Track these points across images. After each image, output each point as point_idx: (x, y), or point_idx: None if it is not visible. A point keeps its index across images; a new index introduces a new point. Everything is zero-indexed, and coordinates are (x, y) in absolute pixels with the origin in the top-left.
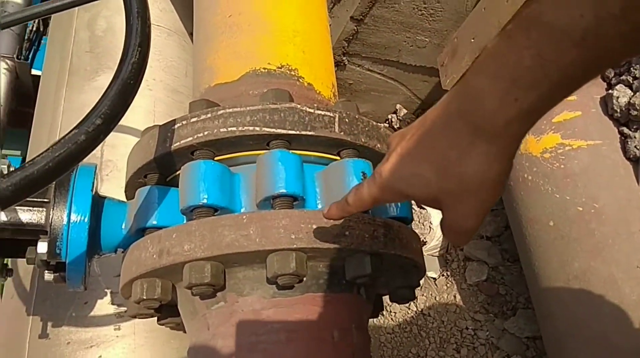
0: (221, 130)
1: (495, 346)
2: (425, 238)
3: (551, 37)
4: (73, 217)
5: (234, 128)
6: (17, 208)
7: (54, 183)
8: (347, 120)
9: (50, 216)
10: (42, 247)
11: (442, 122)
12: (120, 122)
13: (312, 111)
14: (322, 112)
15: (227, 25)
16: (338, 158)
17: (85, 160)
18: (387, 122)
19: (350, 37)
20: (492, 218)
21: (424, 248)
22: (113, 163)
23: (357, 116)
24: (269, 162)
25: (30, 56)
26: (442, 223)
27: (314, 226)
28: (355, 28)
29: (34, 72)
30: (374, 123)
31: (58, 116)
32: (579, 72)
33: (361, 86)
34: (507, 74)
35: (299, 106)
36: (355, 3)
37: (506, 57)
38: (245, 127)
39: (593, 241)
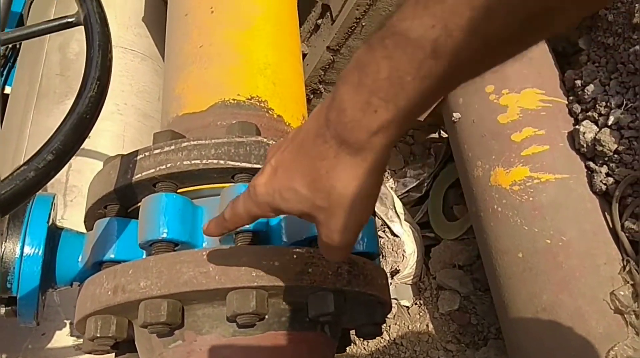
0: (184, 163)
1: None
2: (398, 266)
3: (406, 47)
4: (26, 250)
5: (198, 161)
6: None
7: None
8: None
9: (2, 249)
10: None
11: (313, 133)
12: (88, 147)
13: None
14: None
15: (198, 56)
16: None
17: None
18: None
19: (327, 66)
20: (464, 247)
21: (396, 276)
22: (78, 189)
23: None
24: (232, 195)
25: (5, 73)
26: (318, 238)
27: (276, 263)
28: (332, 57)
29: (7, 90)
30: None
31: (24, 139)
32: (434, 84)
33: None
34: (367, 85)
35: (265, 139)
36: (332, 34)
37: (367, 67)
38: (210, 161)
39: (561, 274)
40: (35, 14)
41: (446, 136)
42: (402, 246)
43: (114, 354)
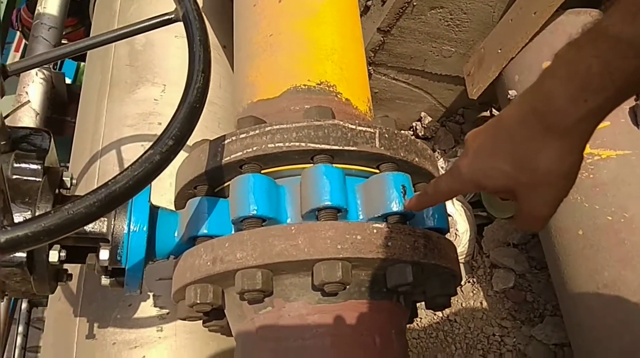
0: (269, 145)
1: (523, 353)
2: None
3: (617, 48)
4: (133, 226)
5: (281, 144)
6: None
7: None
8: (386, 136)
9: (112, 226)
10: (104, 254)
11: (517, 121)
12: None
13: (354, 127)
14: (364, 129)
15: (268, 44)
16: (377, 171)
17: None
18: (411, 129)
19: (377, 48)
20: None
21: None
22: None
23: (396, 132)
24: (315, 176)
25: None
26: (516, 211)
27: (358, 237)
28: (382, 39)
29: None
30: (412, 138)
31: (100, 127)
32: None
33: (386, 95)
34: (578, 79)
35: (341, 122)
36: (382, 15)
37: (577, 65)
38: (292, 143)
39: (623, 250)
40: (101, 9)
41: (498, 113)
42: (454, 225)
43: (202, 321)
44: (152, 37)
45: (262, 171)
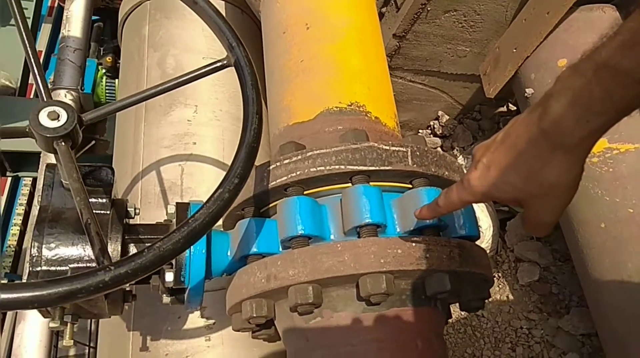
0: (311, 169)
1: (551, 344)
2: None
3: (617, 77)
4: (193, 249)
5: (322, 167)
6: (145, 242)
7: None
8: (418, 153)
9: None
10: (169, 276)
11: (526, 140)
12: (195, 152)
13: (387, 148)
14: (397, 149)
15: (300, 70)
16: (410, 186)
17: (167, 187)
18: (429, 128)
19: (393, 53)
20: None
21: None
22: (192, 190)
23: (426, 149)
24: (355, 195)
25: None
26: (524, 218)
27: (399, 251)
28: (398, 44)
29: None
30: (441, 153)
31: (139, 149)
32: (638, 101)
33: (403, 96)
34: (582, 103)
35: (376, 144)
36: (397, 21)
37: (580, 91)
38: (332, 166)
39: None
40: (130, 34)
41: (514, 108)
42: (477, 221)
43: (251, 332)
44: (181, 60)
45: (305, 192)
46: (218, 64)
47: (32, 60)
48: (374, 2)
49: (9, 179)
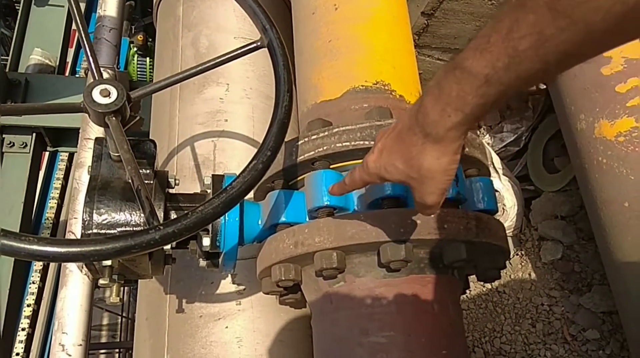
0: (337, 145)
1: (571, 320)
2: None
3: (468, 77)
4: (227, 217)
5: (348, 143)
6: (185, 210)
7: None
8: None
9: None
10: (206, 241)
11: (406, 128)
12: (227, 129)
13: None
14: None
15: (328, 49)
16: None
17: (201, 162)
18: None
19: (421, 31)
20: (567, 198)
21: None
22: (224, 164)
23: None
24: None
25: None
26: (413, 200)
27: (418, 221)
28: (426, 22)
29: None
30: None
31: (175, 125)
32: (490, 100)
33: (430, 75)
34: (443, 99)
35: None
36: None
37: (442, 87)
38: (357, 142)
39: None
40: (165, 15)
41: (544, 87)
42: (502, 200)
43: (279, 295)
44: (214, 40)
45: (331, 166)
46: (252, 46)
47: (86, 43)
48: None
49: (47, 154)
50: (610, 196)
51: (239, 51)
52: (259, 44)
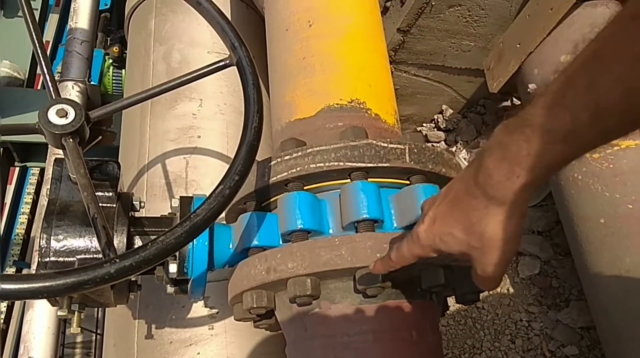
0: (311, 166)
1: (550, 336)
2: None
3: (542, 135)
4: (195, 242)
5: (322, 164)
6: (150, 235)
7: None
8: (415, 150)
9: None
10: (173, 268)
11: (464, 191)
12: (200, 146)
13: (385, 145)
14: (394, 146)
15: (302, 67)
16: (408, 182)
17: (172, 180)
18: (433, 122)
19: (397, 47)
20: (543, 213)
21: None
22: (196, 182)
23: (423, 146)
24: (353, 191)
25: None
26: (472, 272)
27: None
28: (402, 38)
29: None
30: (439, 150)
31: (145, 142)
32: (566, 157)
33: (407, 90)
34: (511, 159)
35: (374, 141)
36: (402, 15)
37: (509, 146)
38: (331, 163)
39: None
40: (136, 29)
41: (518, 103)
42: None
43: (253, 321)
44: (187, 54)
45: (305, 188)
46: (221, 64)
47: (42, 59)
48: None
49: (17, 169)
50: (586, 212)
51: (207, 69)
52: (227, 62)
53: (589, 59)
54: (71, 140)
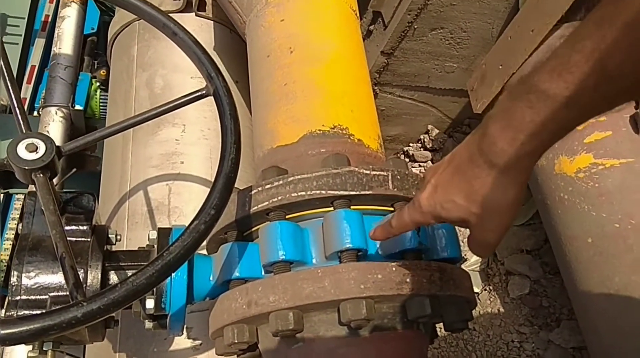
0: (292, 194)
1: (542, 357)
2: (466, 255)
3: (546, 101)
4: (174, 276)
5: (304, 193)
6: (126, 269)
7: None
8: (398, 177)
9: None
10: (150, 303)
11: (467, 159)
12: (183, 172)
13: (368, 172)
14: (377, 173)
15: (284, 93)
16: (392, 209)
17: (155, 207)
18: (419, 142)
19: (381, 69)
20: (531, 232)
21: (464, 265)
22: (180, 209)
23: (406, 172)
24: (335, 220)
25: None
26: (469, 238)
27: (379, 276)
28: (386, 61)
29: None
30: (422, 176)
31: (127, 169)
32: (569, 123)
33: (393, 111)
34: (515, 126)
35: (357, 168)
36: (385, 39)
37: (513, 113)
38: (313, 191)
39: (632, 256)
40: (119, 55)
41: None
42: (467, 235)
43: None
44: (170, 80)
45: (287, 217)
46: (197, 94)
47: (11, 91)
48: (357, 25)
49: (1, 195)
50: (573, 232)
51: (183, 100)
52: (204, 92)
53: (595, 23)
54: (41, 175)
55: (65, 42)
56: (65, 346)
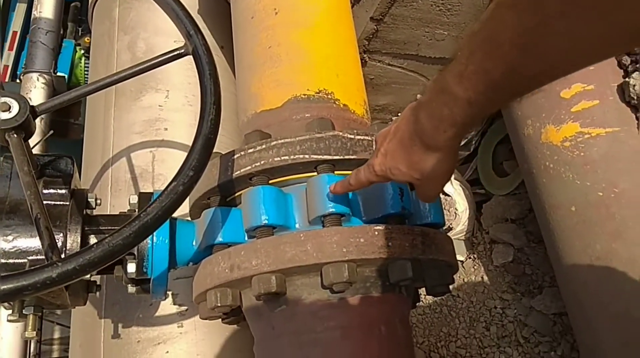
0: (275, 159)
1: (524, 323)
2: (451, 224)
3: (455, 101)
4: (155, 240)
5: (287, 157)
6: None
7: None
8: None
9: None
10: (132, 267)
11: (407, 136)
12: (167, 138)
13: (352, 136)
14: (362, 137)
15: (268, 56)
16: None
17: (138, 174)
18: None
19: (371, 36)
20: (516, 201)
21: (450, 233)
22: (164, 176)
23: None
24: (319, 185)
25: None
26: (417, 193)
27: (361, 240)
28: (375, 27)
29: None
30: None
31: (110, 135)
32: (476, 118)
33: (382, 80)
34: (436, 116)
35: (341, 133)
36: (375, 4)
37: (434, 107)
38: (296, 156)
39: (614, 224)
40: (100, 18)
41: None
42: (453, 204)
43: (220, 319)
44: (152, 43)
45: (270, 182)
46: (175, 53)
47: None
48: None
49: None
50: (557, 201)
51: (159, 59)
52: (182, 51)
53: (483, 39)
54: (15, 135)
55: (46, 6)
56: (48, 311)
